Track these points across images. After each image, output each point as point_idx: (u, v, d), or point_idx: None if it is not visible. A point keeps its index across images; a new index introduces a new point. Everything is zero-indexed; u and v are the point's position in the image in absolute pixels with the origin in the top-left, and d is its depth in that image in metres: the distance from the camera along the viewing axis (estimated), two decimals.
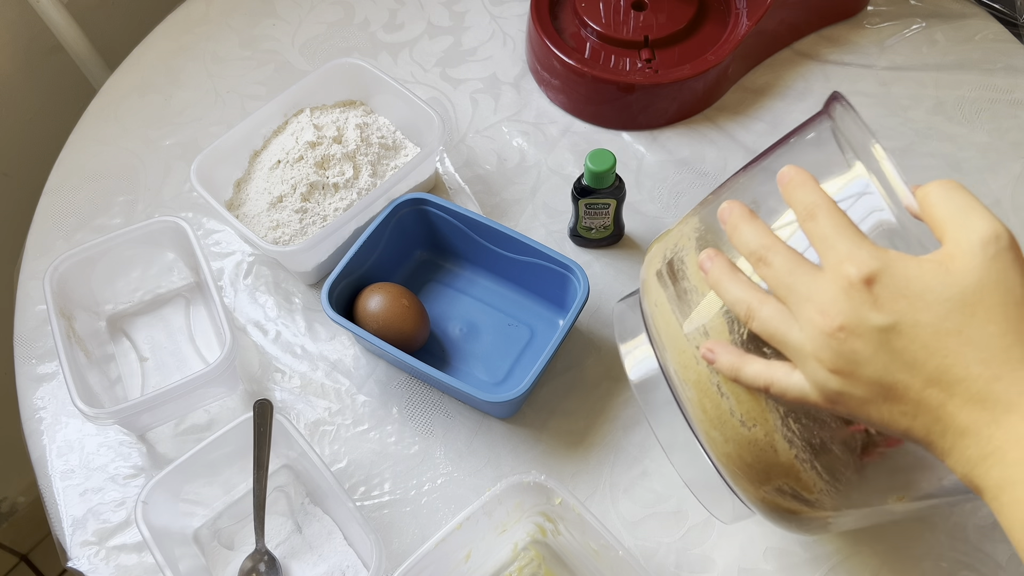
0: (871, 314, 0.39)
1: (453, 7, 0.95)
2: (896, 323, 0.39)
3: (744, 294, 0.45)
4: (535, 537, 0.63)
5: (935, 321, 0.38)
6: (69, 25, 0.97)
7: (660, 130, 0.85)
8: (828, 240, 0.41)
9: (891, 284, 0.39)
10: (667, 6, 0.86)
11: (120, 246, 0.72)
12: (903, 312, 0.39)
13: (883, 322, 0.39)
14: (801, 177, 0.44)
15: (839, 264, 0.40)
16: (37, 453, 0.70)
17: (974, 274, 0.38)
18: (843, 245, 0.41)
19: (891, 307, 0.39)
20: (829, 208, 0.42)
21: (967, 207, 0.40)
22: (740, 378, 0.46)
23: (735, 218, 0.46)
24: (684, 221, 0.55)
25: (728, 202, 0.47)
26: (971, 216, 0.40)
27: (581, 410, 0.70)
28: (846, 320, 0.40)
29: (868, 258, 0.40)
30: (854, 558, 0.63)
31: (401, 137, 0.82)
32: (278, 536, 0.66)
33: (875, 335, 0.39)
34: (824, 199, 0.43)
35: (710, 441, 0.49)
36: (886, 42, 0.90)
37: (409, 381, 0.72)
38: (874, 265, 0.39)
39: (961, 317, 0.38)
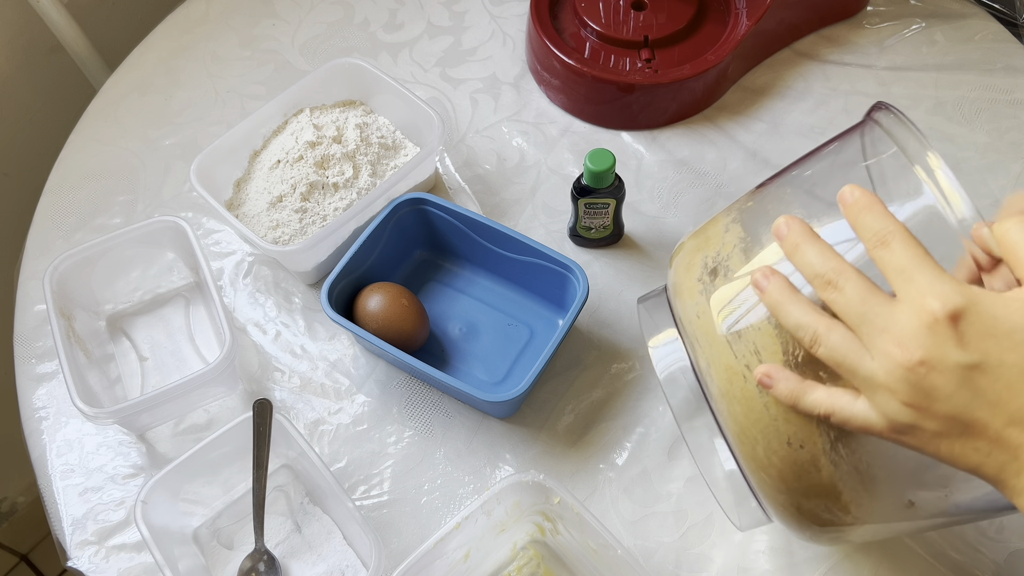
0: (955, 351, 0.38)
1: (453, 7, 0.95)
2: (981, 362, 0.38)
3: (809, 319, 0.43)
4: (534, 536, 0.63)
5: (1022, 362, 0.38)
6: (69, 25, 0.97)
7: (660, 130, 0.85)
8: (906, 272, 0.40)
9: (977, 322, 0.38)
10: (667, 6, 0.86)
11: (120, 246, 0.72)
12: (989, 351, 0.38)
13: (968, 360, 0.38)
14: (867, 199, 0.42)
15: (920, 297, 0.39)
16: (37, 453, 0.70)
17: None
18: (923, 278, 0.39)
19: (977, 345, 0.38)
20: (904, 236, 0.41)
21: None
22: (799, 406, 0.44)
23: (795, 236, 0.44)
24: (722, 225, 0.52)
25: (785, 218, 0.45)
26: None
27: (580, 409, 0.70)
28: (927, 355, 0.39)
29: (953, 294, 0.39)
30: (853, 557, 0.63)
31: (401, 137, 0.82)
32: (277, 536, 0.66)
33: (957, 372, 0.38)
34: (897, 225, 0.41)
35: (749, 456, 0.48)
36: (886, 42, 0.90)
37: (409, 381, 0.72)
38: (959, 301, 0.38)
39: None
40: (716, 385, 0.49)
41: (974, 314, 0.38)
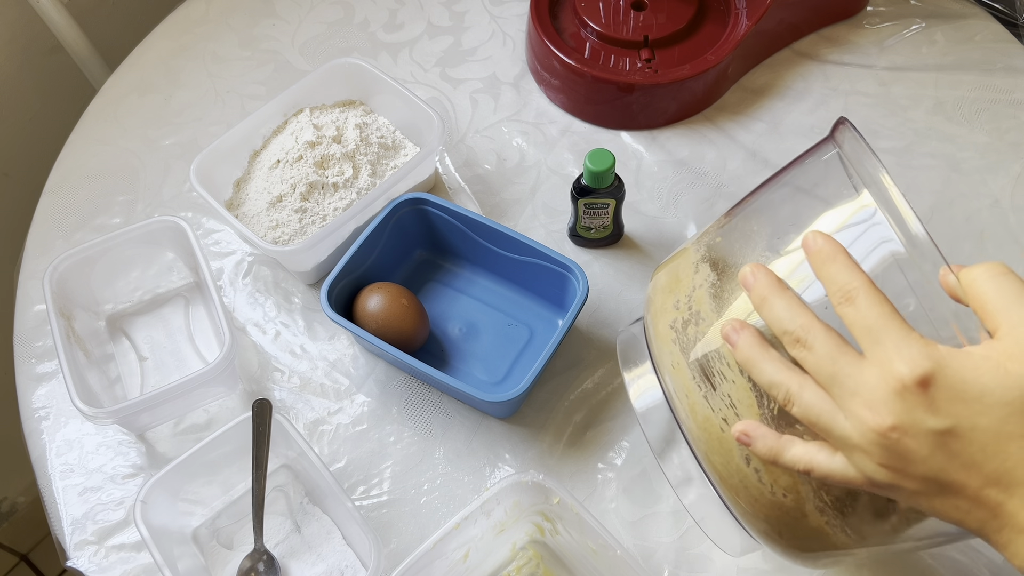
0: (926, 417, 0.38)
1: (453, 7, 0.95)
2: (954, 427, 0.37)
3: (781, 377, 0.42)
4: (533, 537, 0.63)
5: (995, 425, 0.37)
6: (69, 25, 0.97)
7: (659, 130, 0.85)
8: (872, 332, 0.39)
9: (946, 386, 0.37)
10: (667, 6, 0.86)
11: (120, 246, 0.72)
12: (960, 416, 0.37)
13: (940, 426, 0.38)
14: (831, 248, 0.41)
15: (888, 361, 0.38)
16: (36, 453, 0.70)
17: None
18: (890, 339, 0.38)
19: (948, 410, 0.37)
20: (869, 292, 0.40)
21: (1017, 292, 0.38)
22: (779, 462, 0.44)
23: (762, 288, 0.43)
24: (692, 262, 0.51)
25: (751, 267, 0.44)
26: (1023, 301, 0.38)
27: (580, 410, 0.70)
28: (898, 421, 0.38)
29: (920, 357, 0.38)
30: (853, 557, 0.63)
31: (401, 137, 0.82)
32: (277, 536, 0.66)
33: (930, 437, 0.38)
34: (862, 280, 0.40)
35: (732, 501, 0.48)
36: (886, 42, 0.90)
37: (408, 381, 0.72)
38: (927, 366, 0.37)
39: (1021, 420, 0.37)
40: (695, 435, 0.48)
41: (943, 378, 0.37)
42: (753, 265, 0.44)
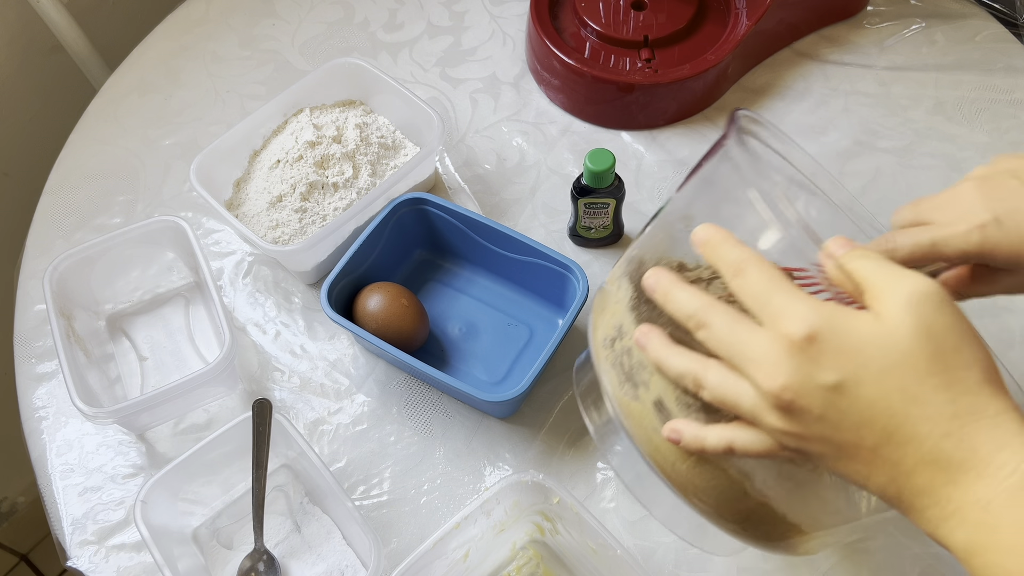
0: (816, 372, 0.38)
1: (453, 7, 0.95)
2: (841, 381, 0.38)
3: (687, 364, 0.43)
4: (533, 536, 0.63)
5: (877, 377, 0.38)
6: (69, 25, 0.97)
7: (659, 130, 0.85)
8: (761, 296, 0.40)
9: (833, 339, 0.38)
10: (667, 6, 0.86)
11: (120, 246, 0.72)
12: (846, 369, 0.38)
13: (829, 380, 0.38)
14: (719, 235, 0.42)
15: (776, 320, 0.39)
16: (37, 452, 0.71)
17: (907, 327, 0.37)
18: (778, 299, 0.39)
19: (835, 363, 0.38)
20: (757, 262, 0.41)
21: (890, 266, 0.40)
22: (706, 448, 0.44)
23: (664, 286, 0.44)
24: (616, 280, 0.52)
25: (652, 271, 0.45)
26: (897, 272, 0.39)
27: (580, 410, 0.70)
28: (790, 380, 0.38)
29: (807, 312, 0.38)
30: (853, 558, 0.63)
31: (401, 137, 0.82)
32: (277, 535, 0.66)
33: (821, 394, 0.38)
34: (750, 253, 0.41)
35: (694, 506, 0.48)
36: (886, 42, 0.90)
37: (408, 381, 0.72)
38: (813, 321, 0.38)
39: (901, 372, 0.37)
40: (644, 449, 0.48)
41: (829, 332, 0.38)
42: (653, 269, 0.45)
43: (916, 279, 0.38)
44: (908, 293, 0.38)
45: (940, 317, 0.38)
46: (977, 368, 0.38)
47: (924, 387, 0.37)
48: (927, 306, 0.38)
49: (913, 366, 0.37)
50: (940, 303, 0.38)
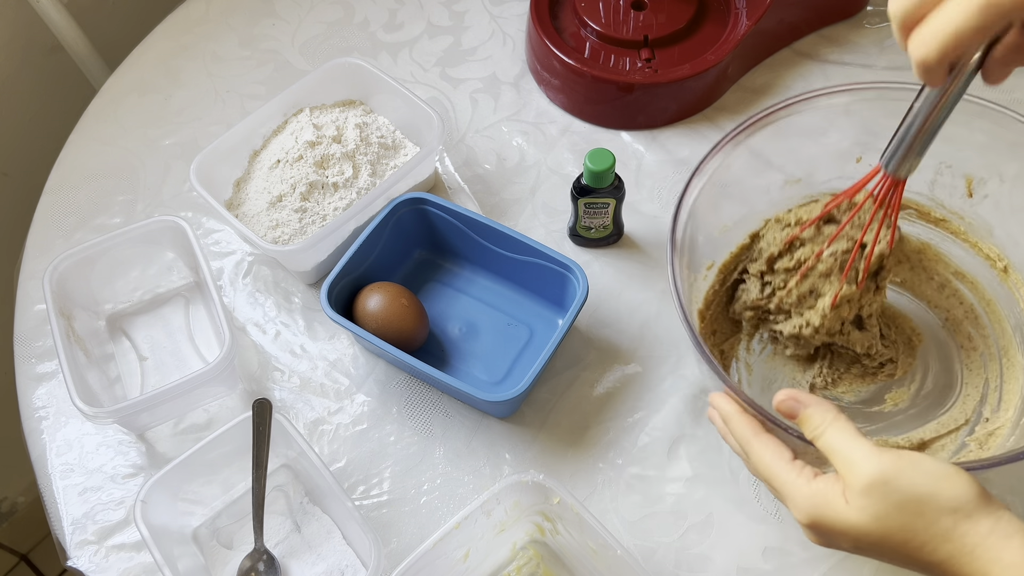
0: (830, 543, 0.48)
1: (453, 7, 0.95)
2: (852, 549, 0.47)
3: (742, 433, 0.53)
4: (534, 536, 0.63)
5: (874, 548, 0.45)
6: (69, 25, 0.97)
7: (659, 130, 0.85)
8: (767, 481, 0.50)
9: (826, 526, 0.46)
10: (667, 6, 0.86)
11: (119, 246, 0.72)
12: (849, 543, 0.46)
13: (842, 548, 0.47)
14: (725, 413, 0.54)
15: (784, 501, 0.49)
16: (37, 452, 0.71)
17: (868, 514, 0.44)
18: (777, 489, 0.49)
19: (839, 541, 0.47)
20: (753, 448, 0.51)
21: (847, 448, 0.46)
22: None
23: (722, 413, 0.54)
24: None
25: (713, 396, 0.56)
26: (849, 458, 0.46)
27: (580, 409, 0.70)
28: (815, 540, 0.49)
29: (802, 504, 0.47)
30: (852, 558, 0.63)
31: (401, 137, 0.82)
32: (277, 535, 0.66)
33: (840, 547, 0.48)
34: (750, 434, 0.52)
35: None
36: (886, 42, 0.90)
37: (408, 380, 0.72)
38: (808, 512, 0.47)
39: (885, 547, 0.45)
40: None
41: (822, 521, 0.46)
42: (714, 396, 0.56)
43: (864, 465, 0.45)
44: (860, 483, 0.45)
45: (893, 495, 0.44)
46: (947, 518, 0.43)
47: (909, 550, 0.44)
48: (877, 492, 0.44)
49: (890, 542, 0.44)
50: (888, 483, 0.44)
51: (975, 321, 0.68)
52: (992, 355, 0.67)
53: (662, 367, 0.72)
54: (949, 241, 0.69)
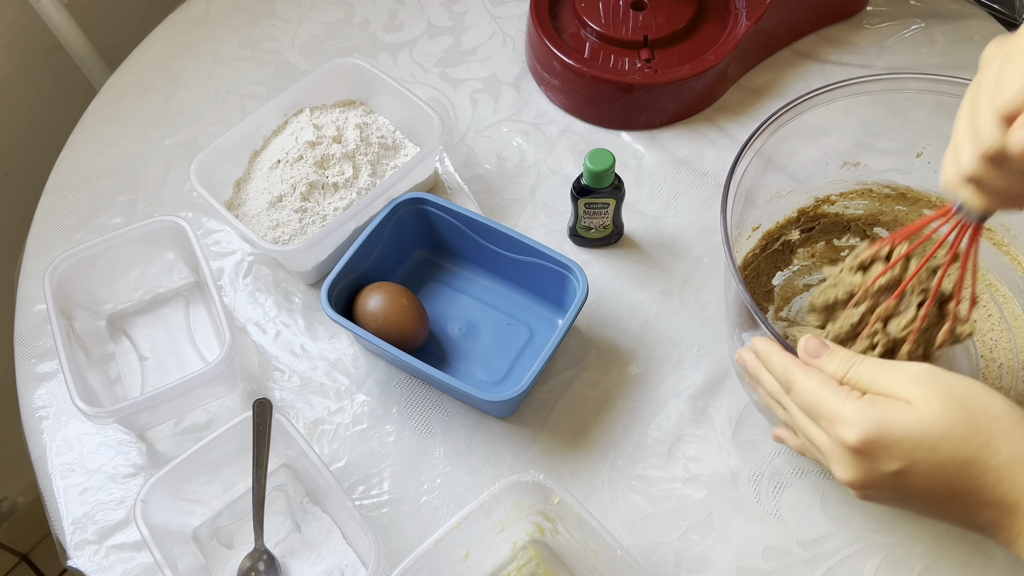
0: (877, 465, 0.45)
1: (453, 7, 0.95)
2: (901, 467, 0.44)
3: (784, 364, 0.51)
4: (534, 536, 0.63)
5: (928, 456, 0.44)
6: (69, 25, 0.97)
7: (659, 130, 0.85)
8: (813, 407, 0.47)
9: (883, 436, 0.44)
10: (666, 6, 0.86)
11: (120, 246, 0.72)
12: (901, 456, 0.44)
13: (891, 469, 0.44)
14: (762, 351, 0.52)
15: (831, 427, 0.46)
16: (37, 452, 0.71)
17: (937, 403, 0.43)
18: (827, 412, 0.46)
19: (891, 455, 0.44)
20: (800, 375, 0.48)
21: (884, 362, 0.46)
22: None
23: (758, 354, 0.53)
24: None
25: (742, 350, 0.55)
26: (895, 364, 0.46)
27: (580, 409, 0.70)
28: (855, 477, 0.46)
29: (855, 417, 0.45)
30: (853, 558, 0.63)
31: (401, 137, 0.82)
32: (277, 535, 0.66)
33: (887, 479, 0.45)
34: (793, 366, 0.49)
35: None
36: (885, 42, 0.90)
37: (408, 380, 0.72)
38: (862, 424, 0.44)
39: (947, 445, 0.43)
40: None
41: (877, 430, 0.44)
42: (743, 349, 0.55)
43: (914, 368, 0.45)
44: (916, 374, 0.44)
45: (957, 382, 0.44)
46: (1005, 418, 0.43)
47: (969, 449, 0.43)
48: (939, 377, 0.44)
49: (954, 437, 0.43)
50: (946, 373, 0.44)
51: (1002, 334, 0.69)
52: (1011, 368, 0.67)
53: (662, 367, 0.72)
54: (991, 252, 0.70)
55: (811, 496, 0.65)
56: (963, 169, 0.45)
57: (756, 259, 0.72)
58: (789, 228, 0.72)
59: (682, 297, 0.75)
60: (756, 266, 0.72)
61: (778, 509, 0.65)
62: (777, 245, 0.72)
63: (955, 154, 0.46)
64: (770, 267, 0.73)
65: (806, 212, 0.72)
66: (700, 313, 0.74)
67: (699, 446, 0.68)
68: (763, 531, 0.64)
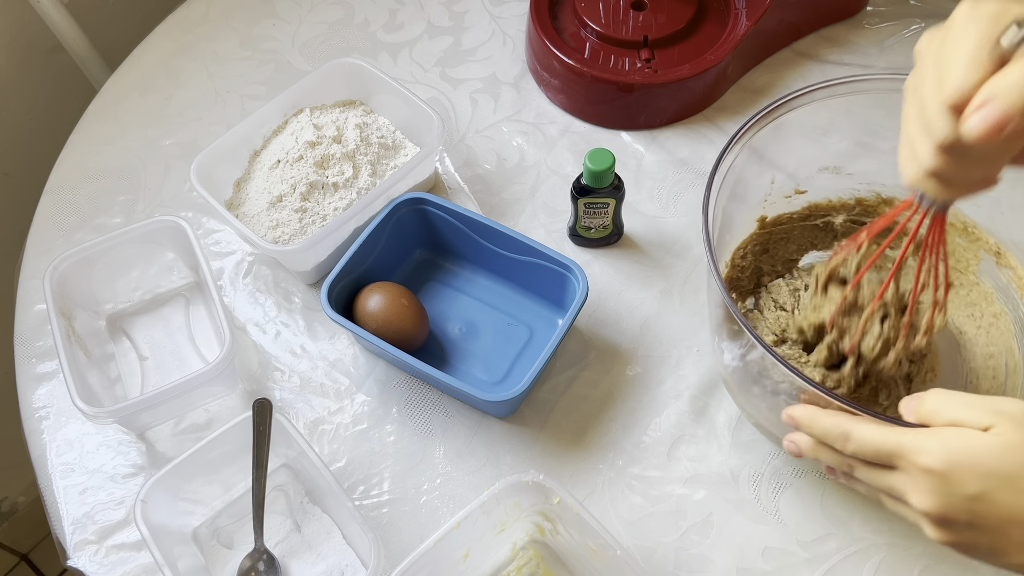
0: (957, 489, 0.43)
1: (453, 7, 0.95)
2: (981, 491, 0.42)
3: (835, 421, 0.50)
4: (533, 536, 0.63)
5: (1007, 483, 0.42)
6: (69, 25, 0.97)
7: (659, 130, 0.85)
8: (882, 446, 0.46)
9: (962, 460, 0.43)
10: (666, 6, 0.86)
11: (120, 245, 0.72)
12: (980, 479, 0.42)
13: (971, 491, 0.43)
14: (807, 414, 0.50)
15: (910, 459, 0.44)
16: (37, 452, 0.71)
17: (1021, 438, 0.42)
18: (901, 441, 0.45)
19: (970, 478, 0.42)
20: (855, 425, 0.47)
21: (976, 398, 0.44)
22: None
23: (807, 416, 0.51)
24: None
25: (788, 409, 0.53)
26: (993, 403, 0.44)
27: (580, 410, 0.70)
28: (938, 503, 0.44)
29: (935, 445, 0.43)
30: (853, 558, 0.63)
31: (401, 137, 0.82)
32: (277, 535, 0.66)
33: (966, 504, 0.43)
34: (844, 418, 0.48)
35: None
36: (885, 42, 0.90)
37: (408, 380, 0.72)
38: (943, 450, 0.43)
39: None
40: None
41: (957, 454, 0.43)
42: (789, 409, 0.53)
43: (1017, 403, 0.43)
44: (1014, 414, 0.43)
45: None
46: None
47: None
48: (1011, 405, 0.43)
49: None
50: (1017, 402, 0.43)
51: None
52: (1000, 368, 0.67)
53: (662, 367, 0.72)
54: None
55: (811, 496, 0.65)
56: (923, 164, 0.45)
57: (792, 222, 0.70)
58: (839, 211, 0.70)
59: (682, 297, 0.75)
60: (789, 229, 0.70)
61: (778, 509, 0.65)
62: (819, 222, 0.71)
63: (911, 151, 0.46)
64: (806, 240, 0.72)
65: (864, 203, 0.70)
66: (700, 313, 0.74)
67: (699, 446, 0.68)
68: (763, 531, 0.64)
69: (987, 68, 0.41)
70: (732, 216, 0.67)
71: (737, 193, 0.65)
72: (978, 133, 0.40)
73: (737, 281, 0.70)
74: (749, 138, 0.62)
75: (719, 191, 0.60)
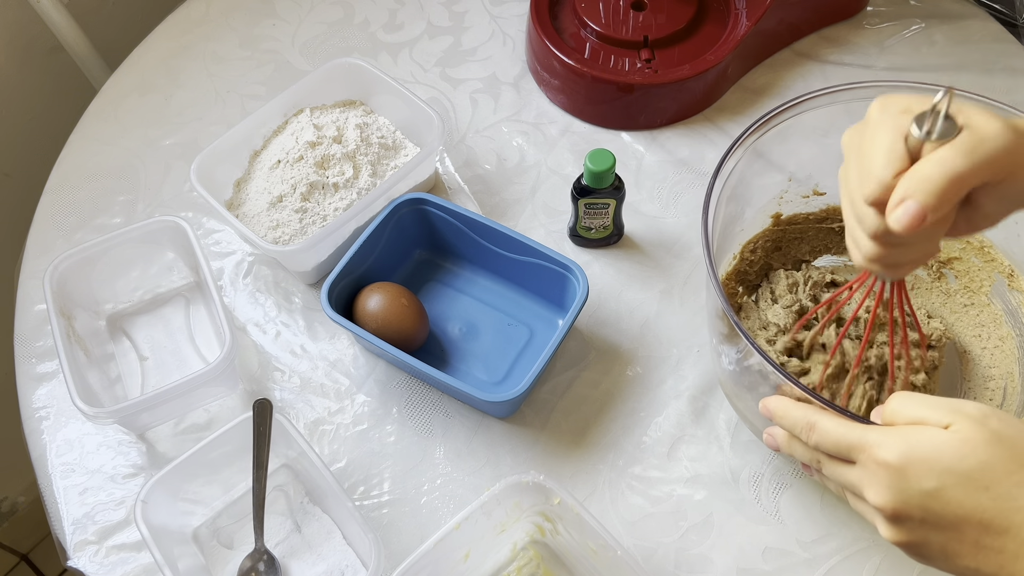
0: (913, 483, 0.43)
1: (453, 7, 0.95)
2: (936, 487, 0.42)
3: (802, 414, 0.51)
4: (534, 537, 0.63)
5: (963, 480, 0.42)
6: (69, 25, 0.97)
7: (660, 130, 0.85)
8: (842, 438, 0.47)
9: (918, 455, 0.43)
10: (666, 6, 0.86)
11: (120, 245, 0.72)
12: (935, 476, 0.42)
13: (926, 487, 0.42)
14: (777, 406, 0.52)
15: (868, 452, 0.45)
16: (37, 452, 0.71)
17: (980, 437, 0.42)
18: (854, 438, 0.46)
19: (926, 473, 0.43)
20: (821, 416, 0.48)
21: (938, 399, 0.44)
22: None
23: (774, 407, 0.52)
24: None
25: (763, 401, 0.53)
26: (953, 403, 0.44)
27: (580, 410, 0.70)
28: (893, 498, 0.44)
29: (893, 439, 0.44)
30: (853, 558, 0.63)
31: (401, 137, 0.82)
32: (277, 535, 0.66)
33: (920, 500, 0.43)
34: (810, 409, 0.49)
35: None
36: (885, 42, 0.90)
37: (408, 381, 0.72)
38: (900, 444, 0.43)
39: (984, 475, 0.41)
40: None
41: (913, 450, 0.43)
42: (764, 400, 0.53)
43: (976, 404, 0.44)
44: (973, 414, 0.43)
45: (1007, 427, 0.42)
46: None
47: (1008, 485, 0.41)
48: (993, 420, 0.43)
49: (992, 468, 0.41)
50: (1003, 416, 0.43)
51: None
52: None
53: (662, 367, 0.72)
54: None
55: (811, 497, 0.65)
56: (864, 252, 0.48)
57: (807, 223, 0.71)
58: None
59: (682, 297, 0.75)
60: (804, 229, 0.71)
61: (778, 510, 0.65)
62: (835, 225, 0.71)
63: (853, 240, 0.49)
64: (820, 242, 0.72)
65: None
66: (700, 313, 0.74)
67: (699, 447, 0.68)
68: (763, 532, 0.64)
69: (903, 161, 0.44)
70: (743, 210, 0.67)
71: (738, 194, 0.65)
72: (902, 227, 0.43)
73: (744, 274, 0.71)
74: (752, 142, 0.62)
75: (719, 195, 0.61)
